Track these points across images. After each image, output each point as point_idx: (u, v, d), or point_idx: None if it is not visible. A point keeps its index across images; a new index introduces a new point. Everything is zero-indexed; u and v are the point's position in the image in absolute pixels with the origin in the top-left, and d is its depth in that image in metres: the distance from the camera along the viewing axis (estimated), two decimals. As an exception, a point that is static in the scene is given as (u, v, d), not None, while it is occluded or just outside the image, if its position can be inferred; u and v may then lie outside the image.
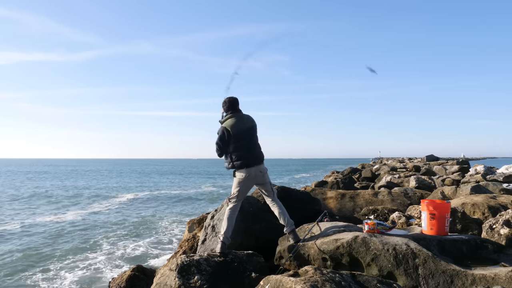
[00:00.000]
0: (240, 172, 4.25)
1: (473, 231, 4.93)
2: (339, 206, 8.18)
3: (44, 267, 8.61)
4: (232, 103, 4.39)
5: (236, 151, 4.24)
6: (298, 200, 6.03)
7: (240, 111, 4.42)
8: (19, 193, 26.18)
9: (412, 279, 3.28)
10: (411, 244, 3.54)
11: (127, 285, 5.78)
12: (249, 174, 4.24)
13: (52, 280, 7.72)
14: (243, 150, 4.25)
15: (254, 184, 4.42)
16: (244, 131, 4.29)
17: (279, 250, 4.33)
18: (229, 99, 4.41)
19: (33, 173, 55.89)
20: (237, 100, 4.44)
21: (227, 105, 4.39)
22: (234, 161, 4.25)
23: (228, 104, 4.39)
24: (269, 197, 4.43)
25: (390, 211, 6.38)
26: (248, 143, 4.31)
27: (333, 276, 2.90)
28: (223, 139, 4.23)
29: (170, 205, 20.29)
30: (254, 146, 4.38)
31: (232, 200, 4.33)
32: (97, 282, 7.54)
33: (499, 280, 2.99)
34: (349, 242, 3.67)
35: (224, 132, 4.23)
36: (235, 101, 4.41)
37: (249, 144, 4.31)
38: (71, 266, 8.66)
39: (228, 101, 4.40)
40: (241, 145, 4.25)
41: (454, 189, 8.62)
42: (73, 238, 11.77)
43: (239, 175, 4.27)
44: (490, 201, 6.12)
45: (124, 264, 8.75)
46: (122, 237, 11.86)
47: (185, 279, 3.65)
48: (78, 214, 16.72)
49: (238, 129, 4.25)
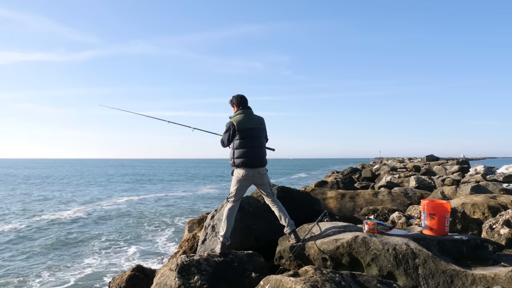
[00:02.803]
0: (238, 170, 4.26)
1: (473, 231, 4.93)
2: (339, 206, 8.18)
3: (44, 268, 8.60)
4: (241, 100, 4.44)
5: (239, 148, 4.26)
6: (298, 200, 6.03)
7: (249, 108, 4.46)
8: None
9: (412, 279, 3.28)
10: (411, 244, 3.54)
11: (127, 285, 5.77)
12: (247, 174, 4.24)
13: (52, 280, 7.71)
14: (245, 148, 4.24)
15: (252, 184, 4.42)
16: (250, 130, 4.29)
17: (279, 250, 4.33)
18: (238, 96, 4.46)
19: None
20: (245, 97, 4.48)
21: (237, 101, 4.44)
22: (235, 158, 4.27)
23: (236, 100, 4.44)
24: (269, 198, 4.43)
25: (390, 211, 6.38)
26: (253, 142, 4.29)
27: (333, 276, 2.90)
28: (228, 133, 4.29)
29: (170, 205, 20.29)
30: (259, 148, 4.34)
31: (230, 199, 4.32)
32: (97, 282, 7.54)
33: (499, 280, 2.99)
34: (349, 242, 3.67)
35: (230, 126, 4.27)
36: (243, 98, 4.45)
37: (253, 144, 4.29)
38: (71, 267, 8.66)
39: (236, 98, 4.45)
40: (244, 143, 4.25)
41: (454, 189, 8.62)
42: (72, 238, 11.77)
43: (237, 173, 4.28)
44: (490, 201, 6.12)
45: (124, 264, 8.75)
46: (122, 237, 11.86)
47: (185, 279, 3.65)
48: (78, 214, 16.72)
49: (243, 126, 4.26)
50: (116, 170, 73.53)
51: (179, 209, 18.52)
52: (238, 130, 4.24)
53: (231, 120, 4.32)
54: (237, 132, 4.25)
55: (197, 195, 25.85)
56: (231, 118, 4.37)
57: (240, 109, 4.38)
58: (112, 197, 24.24)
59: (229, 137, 4.29)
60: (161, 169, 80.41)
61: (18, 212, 17.06)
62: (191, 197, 24.51)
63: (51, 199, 22.68)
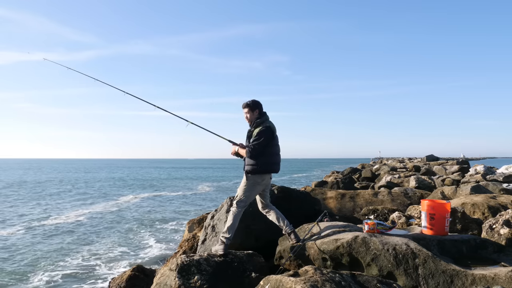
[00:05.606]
0: (261, 176, 4.16)
1: (473, 231, 4.93)
2: (339, 206, 8.18)
3: (44, 268, 8.60)
4: (261, 105, 4.32)
5: (270, 154, 4.17)
6: (298, 200, 6.03)
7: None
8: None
9: (412, 279, 3.28)
10: (411, 244, 3.54)
11: (127, 285, 5.78)
12: (265, 180, 4.22)
13: (52, 281, 7.71)
14: (276, 154, 4.24)
15: (263, 189, 4.36)
16: (277, 136, 4.29)
17: (279, 250, 4.33)
18: (258, 101, 4.31)
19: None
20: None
21: (260, 106, 4.28)
22: (263, 164, 4.11)
23: (259, 105, 4.29)
24: (265, 201, 4.42)
25: (390, 211, 6.39)
26: (278, 149, 4.31)
27: (333, 276, 2.90)
28: (267, 138, 4.10)
29: (170, 205, 20.29)
30: (279, 153, 4.36)
31: (241, 204, 4.22)
32: (97, 282, 7.54)
33: (499, 280, 2.99)
34: (349, 242, 3.67)
35: (270, 132, 4.14)
36: (262, 104, 4.35)
37: (278, 150, 4.31)
38: (71, 267, 8.66)
39: (259, 103, 4.30)
40: (274, 150, 4.23)
41: (454, 189, 8.62)
42: (72, 238, 11.77)
43: (258, 179, 4.16)
44: (490, 201, 6.12)
45: (124, 264, 8.75)
46: (122, 237, 11.86)
47: (185, 279, 3.66)
48: (77, 215, 16.72)
49: (275, 133, 4.25)
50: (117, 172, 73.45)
51: (178, 209, 18.53)
52: (274, 137, 4.20)
53: (268, 126, 4.16)
54: (272, 139, 4.17)
55: (197, 195, 25.85)
56: (263, 123, 4.17)
57: (264, 114, 4.29)
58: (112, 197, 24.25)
59: (267, 143, 4.12)
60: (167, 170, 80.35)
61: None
62: (191, 197, 24.51)
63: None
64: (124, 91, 5.35)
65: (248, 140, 4.27)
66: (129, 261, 8.99)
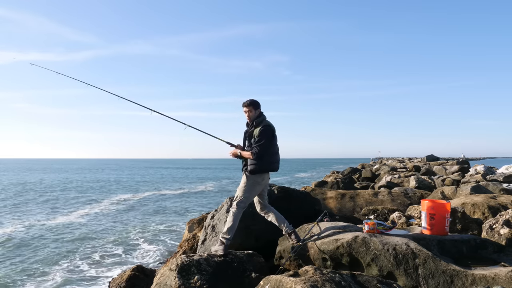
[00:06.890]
0: (261, 175, 4.16)
1: (473, 231, 4.93)
2: (339, 206, 8.18)
3: (43, 268, 8.60)
4: (259, 105, 4.29)
5: (271, 153, 4.17)
6: (298, 200, 6.03)
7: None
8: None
9: (412, 279, 3.28)
10: (411, 244, 3.54)
11: (127, 285, 5.77)
12: (264, 179, 4.22)
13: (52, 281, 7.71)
14: (276, 153, 4.23)
15: (262, 189, 4.35)
16: (276, 135, 4.27)
17: (279, 250, 4.33)
18: (257, 101, 4.27)
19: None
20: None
21: (259, 106, 4.26)
22: (263, 163, 4.11)
23: (259, 105, 4.26)
24: (264, 201, 4.41)
25: (390, 211, 6.39)
26: (278, 148, 4.30)
27: (333, 276, 2.90)
28: (269, 139, 4.09)
29: (169, 205, 20.29)
30: (278, 152, 4.34)
31: (241, 205, 4.20)
32: (97, 282, 7.54)
33: (499, 280, 2.99)
34: (349, 242, 3.67)
35: (272, 132, 4.14)
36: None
37: (277, 149, 4.30)
38: (70, 267, 8.66)
39: (257, 102, 4.27)
40: (274, 149, 4.22)
41: (454, 189, 8.62)
42: (71, 238, 11.77)
43: (259, 178, 4.15)
44: (490, 201, 6.12)
45: (124, 264, 8.75)
46: (122, 237, 11.86)
47: (185, 279, 3.66)
48: (78, 215, 16.72)
49: (275, 131, 4.24)
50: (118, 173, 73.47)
51: (178, 209, 18.52)
52: (274, 135, 4.20)
53: (269, 125, 4.16)
54: (273, 139, 4.17)
55: (197, 195, 25.85)
56: (264, 122, 4.17)
57: (262, 114, 4.27)
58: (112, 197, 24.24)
59: (269, 143, 4.10)
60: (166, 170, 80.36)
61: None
62: (191, 197, 24.51)
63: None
64: (118, 95, 5.25)
65: (248, 140, 4.25)
66: (129, 261, 8.99)
